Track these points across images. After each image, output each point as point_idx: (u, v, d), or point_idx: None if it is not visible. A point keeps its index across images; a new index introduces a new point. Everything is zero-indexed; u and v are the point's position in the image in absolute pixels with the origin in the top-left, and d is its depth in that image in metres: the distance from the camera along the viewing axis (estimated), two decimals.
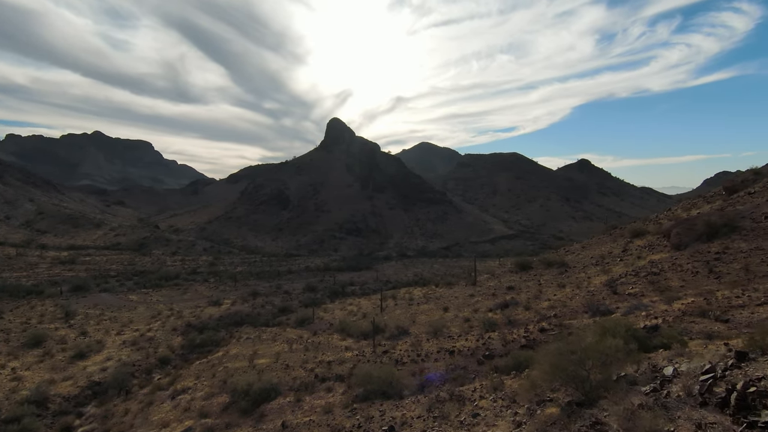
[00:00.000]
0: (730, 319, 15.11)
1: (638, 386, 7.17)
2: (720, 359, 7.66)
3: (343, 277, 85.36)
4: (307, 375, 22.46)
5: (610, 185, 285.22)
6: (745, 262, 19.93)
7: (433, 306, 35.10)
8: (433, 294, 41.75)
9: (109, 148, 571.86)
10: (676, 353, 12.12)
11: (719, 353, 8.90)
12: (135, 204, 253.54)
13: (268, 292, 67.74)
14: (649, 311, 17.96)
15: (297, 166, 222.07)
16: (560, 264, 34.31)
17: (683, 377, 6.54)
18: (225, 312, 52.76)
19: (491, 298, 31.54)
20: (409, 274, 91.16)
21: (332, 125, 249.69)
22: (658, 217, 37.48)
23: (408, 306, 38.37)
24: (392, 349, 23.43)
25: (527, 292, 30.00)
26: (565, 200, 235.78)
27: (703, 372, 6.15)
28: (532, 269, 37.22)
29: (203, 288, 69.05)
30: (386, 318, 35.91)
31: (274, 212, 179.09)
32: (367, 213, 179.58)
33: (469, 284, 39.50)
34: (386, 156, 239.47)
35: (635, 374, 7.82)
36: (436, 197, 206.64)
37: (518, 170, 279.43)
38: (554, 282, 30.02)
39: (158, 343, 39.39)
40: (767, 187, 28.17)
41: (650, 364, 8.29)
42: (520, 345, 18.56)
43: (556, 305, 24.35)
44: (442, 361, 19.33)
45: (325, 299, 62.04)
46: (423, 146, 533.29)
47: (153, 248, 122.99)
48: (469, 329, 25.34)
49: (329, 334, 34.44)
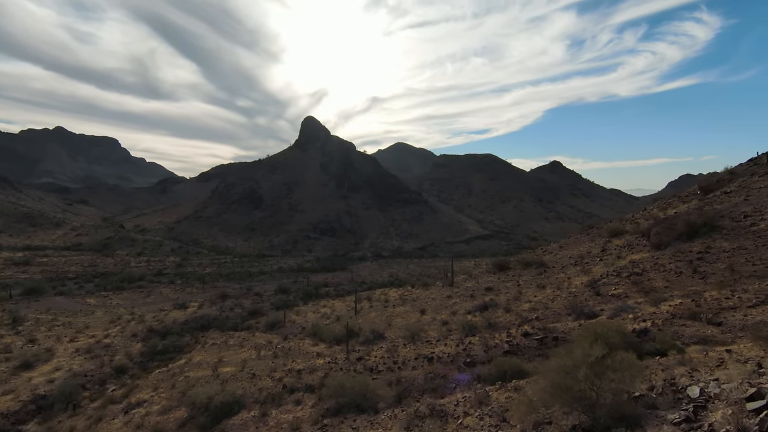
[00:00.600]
0: (723, 322, 14.34)
1: (660, 411, 5.95)
2: (748, 376, 6.56)
3: (317, 278, 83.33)
4: (275, 385, 20.76)
5: (581, 187, 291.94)
6: (729, 262, 19.41)
7: (410, 308, 33.83)
8: (410, 295, 40.53)
9: (72, 144, 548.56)
10: (676, 361, 11.15)
11: (746, 369, 7.81)
12: (99, 203, 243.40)
13: (238, 294, 65.14)
14: (636, 314, 17.12)
15: (270, 164, 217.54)
16: (539, 264, 33.62)
17: (719, 402, 5.37)
18: (191, 315, 50.13)
19: (469, 300, 30.49)
20: (384, 274, 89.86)
21: (307, 124, 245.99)
22: (634, 216, 37.36)
23: (383, 308, 36.98)
24: (367, 356, 21.97)
25: (506, 293, 29.08)
26: (538, 201, 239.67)
27: (747, 398, 4.96)
28: (510, 269, 36.45)
29: (169, 290, 65.79)
30: (361, 321, 34.43)
31: (246, 212, 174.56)
32: (342, 213, 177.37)
33: (446, 285, 38.45)
34: (362, 156, 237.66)
35: (651, 394, 6.63)
36: (411, 197, 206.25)
37: (492, 171, 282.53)
38: (534, 283, 29.21)
39: (115, 350, 36.73)
40: (743, 187, 28.14)
41: (666, 380, 7.12)
42: (503, 351, 17.42)
43: (537, 307, 23.43)
44: (420, 369, 18.01)
45: (298, 301, 60.09)
46: (398, 147, 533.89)
47: (117, 249, 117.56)
48: (448, 333, 24.15)
49: (300, 338, 32.70)
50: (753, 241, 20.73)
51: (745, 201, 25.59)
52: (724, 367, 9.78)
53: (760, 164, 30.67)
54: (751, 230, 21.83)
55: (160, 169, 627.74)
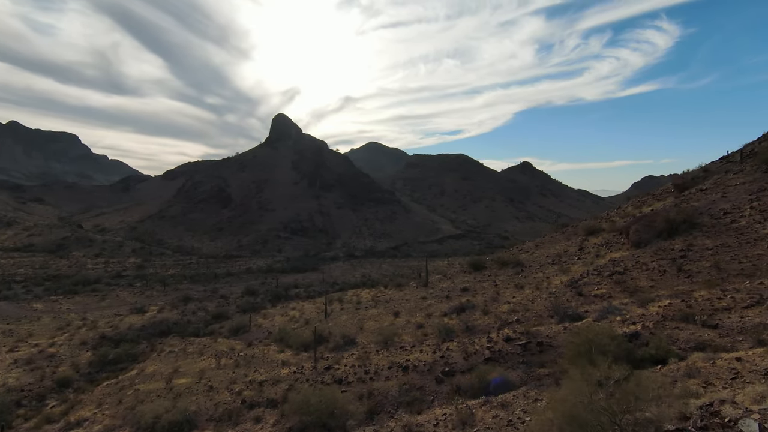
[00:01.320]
0: (719, 325, 13.34)
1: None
2: None
3: (286, 279, 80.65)
4: (233, 400, 18.70)
5: (550, 187, 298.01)
6: (714, 260, 18.67)
7: (383, 310, 32.20)
8: (383, 296, 38.91)
9: (27, 140, 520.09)
10: (683, 373, 9.92)
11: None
12: (56, 201, 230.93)
13: (202, 296, 61.94)
14: (624, 315, 16.03)
15: (240, 162, 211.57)
16: (515, 263, 32.63)
17: None
18: (149, 320, 46.94)
19: (445, 301, 29.12)
20: (357, 275, 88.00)
21: (278, 121, 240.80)
22: (609, 215, 36.97)
23: (355, 310, 35.22)
24: (336, 364, 20.17)
25: (483, 293, 27.86)
26: (509, 201, 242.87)
27: None
28: (485, 269, 35.36)
29: (126, 294, 61.84)
30: (331, 325, 32.57)
31: (213, 211, 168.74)
32: (313, 212, 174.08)
33: (420, 285, 37.02)
34: (334, 154, 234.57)
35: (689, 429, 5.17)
36: (384, 197, 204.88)
37: (465, 171, 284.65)
38: (511, 282, 28.11)
39: (60, 360, 33.61)
40: (719, 184, 27.88)
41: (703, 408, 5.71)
42: (484, 358, 16.01)
43: (517, 309, 22.22)
44: (394, 380, 16.38)
45: (266, 304, 57.57)
46: (371, 146, 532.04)
47: (73, 250, 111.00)
48: (424, 337, 22.64)
49: (266, 345, 30.56)
50: (735, 238, 20.13)
51: (723, 198, 25.22)
52: (742, 380, 8.58)
53: (733, 162, 30.63)
54: (732, 227, 21.28)
55: (123, 167, 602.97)
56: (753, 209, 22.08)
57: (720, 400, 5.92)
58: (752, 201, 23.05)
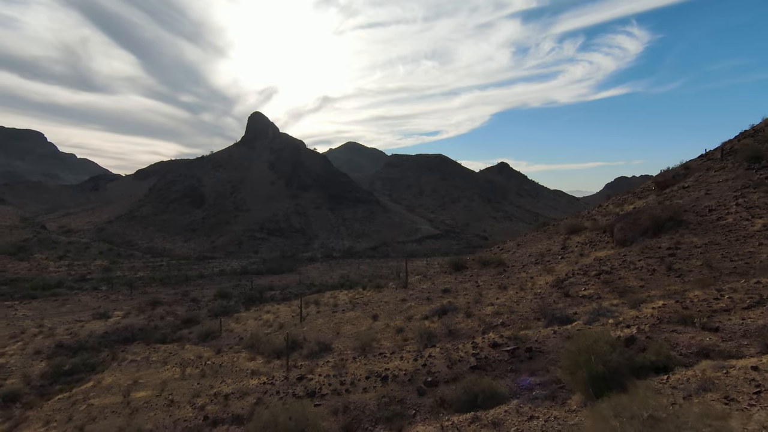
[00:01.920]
0: (720, 327, 12.45)
1: None
2: None
3: (262, 281, 78.24)
4: (195, 416, 16.99)
5: (526, 187, 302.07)
6: (704, 258, 17.99)
7: (361, 313, 30.80)
8: (361, 299, 37.49)
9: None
10: (697, 385, 8.84)
11: None
12: (19, 201, 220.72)
13: (171, 300, 59.17)
14: (617, 318, 15.08)
15: (214, 161, 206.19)
16: (497, 263, 31.71)
17: None
18: (113, 326, 44.24)
19: (426, 303, 27.92)
20: (334, 276, 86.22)
21: (254, 120, 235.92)
22: (590, 213, 36.52)
23: (332, 314, 33.70)
24: (310, 373, 18.68)
25: (465, 295, 26.77)
26: (486, 201, 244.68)
27: None
28: (466, 269, 34.36)
29: (90, 298, 58.51)
30: (306, 329, 30.98)
31: (186, 211, 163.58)
32: (290, 212, 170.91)
33: (399, 287, 35.75)
34: (312, 153, 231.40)
35: None
36: (363, 196, 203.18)
37: (443, 171, 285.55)
38: (494, 283, 27.11)
39: (10, 372, 30.99)
40: (701, 181, 27.56)
41: None
42: (469, 366, 14.80)
43: (501, 311, 21.15)
44: (372, 392, 15.01)
45: (240, 307, 55.32)
46: (350, 146, 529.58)
47: (35, 252, 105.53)
48: (404, 343, 21.34)
49: (236, 351, 28.73)
50: (724, 235, 19.54)
51: (707, 195, 24.80)
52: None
53: (714, 159, 30.47)
54: (719, 224, 20.73)
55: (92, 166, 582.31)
56: (739, 206, 21.63)
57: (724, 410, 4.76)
58: (737, 198, 22.64)
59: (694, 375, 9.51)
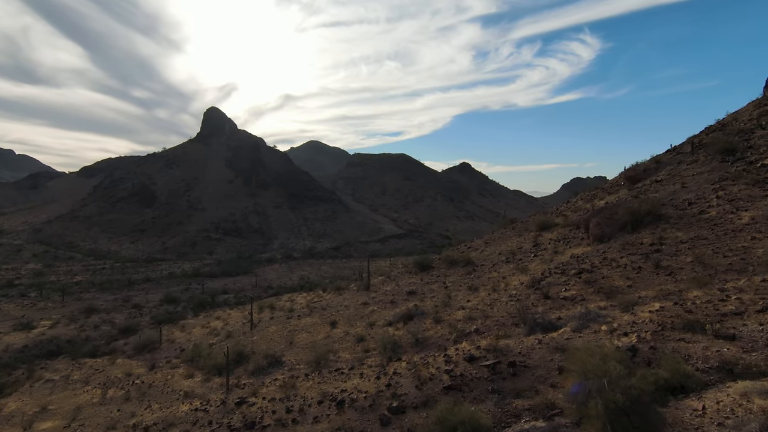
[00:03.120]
0: (737, 335, 10.54)
1: None
2: None
3: (215, 284, 73.34)
4: None
5: (488, 187, 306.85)
6: (694, 255, 16.38)
7: (318, 319, 27.88)
8: (319, 302, 34.54)
9: None
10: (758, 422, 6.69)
11: None
12: None
13: (110, 307, 53.73)
14: (610, 324, 13.02)
15: (167, 158, 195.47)
16: (465, 262, 29.62)
17: None
18: (35, 339, 39.05)
19: (390, 307, 25.37)
20: (294, 277, 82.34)
21: (210, 115, 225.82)
22: (559, 209, 35.22)
23: (286, 320, 30.57)
24: (253, 396, 15.63)
25: (433, 297, 24.41)
26: (449, 200, 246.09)
27: None
28: (433, 269, 32.12)
29: (12, 306, 52.14)
30: (256, 338, 27.72)
31: (135, 210, 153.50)
32: (249, 211, 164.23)
33: (361, 289, 33.09)
34: (272, 151, 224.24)
35: None
36: (325, 195, 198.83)
37: (406, 171, 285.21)
38: (463, 284, 24.92)
39: None
40: (674, 174, 26.52)
41: None
42: (442, 386, 12.27)
43: (474, 315, 18.88)
44: (325, 421, 12.19)
45: (188, 313, 50.90)
46: (312, 145, 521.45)
47: None
48: (365, 355, 18.65)
49: (173, 367, 25.09)
50: (710, 230, 18.10)
51: (684, 188, 23.62)
52: None
53: (684, 153, 29.69)
54: (703, 218, 19.35)
55: (34, 163, 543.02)
56: (720, 198, 20.40)
57: None
58: (716, 190, 21.46)
59: (736, 403, 7.37)
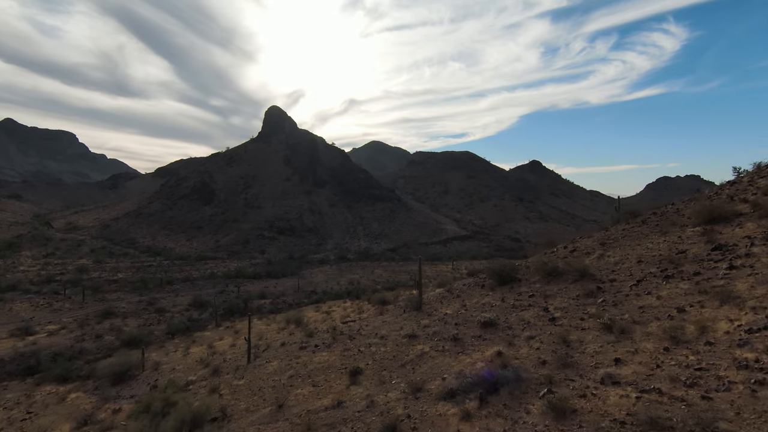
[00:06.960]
0: None
1: None
2: None
3: (254, 287, 66.08)
4: None
5: (561, 187, 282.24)
6: None
7: (338, 357, 17.70)
8: (351, 326, 24.44)
9: (23, 138, 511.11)
10: None
11: None
12: (37, 198, 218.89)
13: (130, 310, 47.52)
14: None
15: (229, 157, 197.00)
16: (579, 273, 18.01)
17: None
18: (22, 349, 32.59)
19: (452, 349, 14.61)
20: (342, 281, 73.34)
21: (271, 113, 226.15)
22: (725, 191, 22.18)
23: (297, 352, 20.70)
24: None
25: (531, 339, 13.29)
26: (518, 200, 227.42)
27: None
28: (519, 282, 20.82)
29: (27, 306, 47.48)
30: (243, 383, 18.02)
31: (194, 208, 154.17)
32: (304, 210, 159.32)
33: (409, 309, 22.50)
34: (329, 148, 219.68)
35: None
36: (383, 194, 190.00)
37: (470, 169, 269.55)
38: (588, 316, 13.53)
39: None
40: None
41: None
42: None
43: (654, 404, 7.50)
44: None
45: (212, 320, 43.31)
46: (374, 145, 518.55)
47: (24, 249, 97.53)
48: None
49: (123, 422, 16.15)
50: None
51: None
52: None
53: None
54: None
55: (121, 166, 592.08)
56: None
57: None
58: None
59: None
